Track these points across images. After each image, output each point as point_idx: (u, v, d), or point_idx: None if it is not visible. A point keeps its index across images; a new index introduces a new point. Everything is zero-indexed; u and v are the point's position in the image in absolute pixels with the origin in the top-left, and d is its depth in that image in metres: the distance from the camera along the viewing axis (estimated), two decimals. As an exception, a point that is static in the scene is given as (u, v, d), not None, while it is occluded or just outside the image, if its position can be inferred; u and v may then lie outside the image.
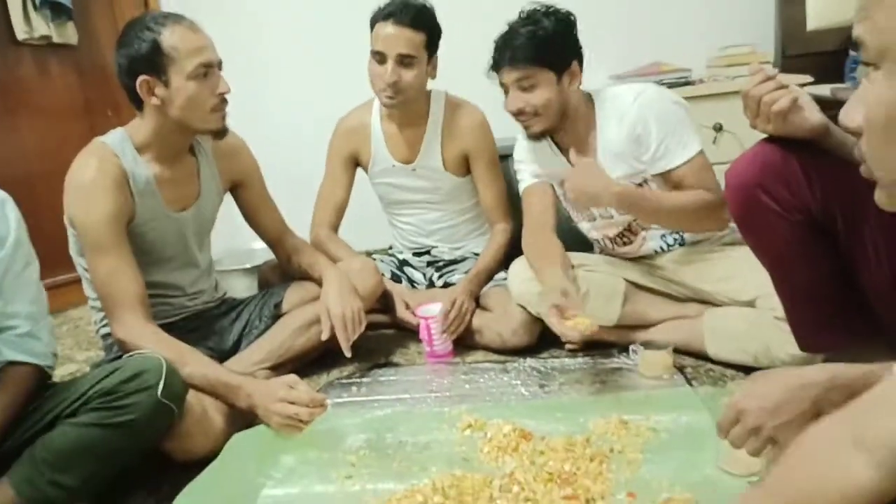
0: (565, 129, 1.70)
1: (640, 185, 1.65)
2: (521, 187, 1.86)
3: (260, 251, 2.39)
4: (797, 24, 2.49)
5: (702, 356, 1.65)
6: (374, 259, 2.17)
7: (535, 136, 1.68)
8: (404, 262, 2.21)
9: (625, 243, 1.78)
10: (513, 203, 2.15)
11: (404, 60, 1.84)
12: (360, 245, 2.26)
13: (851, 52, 2.34)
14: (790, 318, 1.31)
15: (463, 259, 2.15)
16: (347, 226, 2.17)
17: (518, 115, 1.65)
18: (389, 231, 2.29)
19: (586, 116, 1.70)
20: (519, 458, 1.29)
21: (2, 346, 1.21)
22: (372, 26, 1.88)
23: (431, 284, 2.15)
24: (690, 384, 1.55)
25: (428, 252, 2.19)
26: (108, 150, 1.50)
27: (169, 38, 1.43)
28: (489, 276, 1.98)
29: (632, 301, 1.73)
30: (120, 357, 1.50)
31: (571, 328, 1.46)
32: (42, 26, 2.49)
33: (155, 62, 1.44)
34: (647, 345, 1.63)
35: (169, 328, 1.49)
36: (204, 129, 1.53)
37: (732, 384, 1.54)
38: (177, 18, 1.47)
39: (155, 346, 1.37)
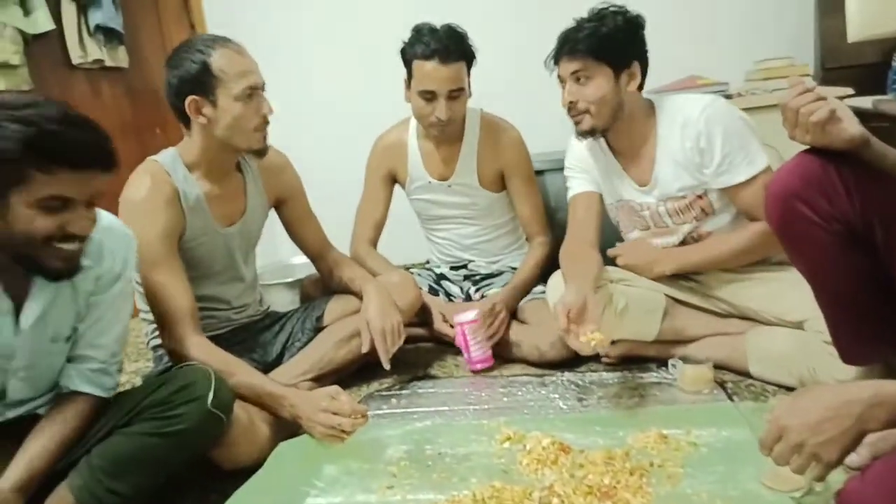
0: (620, 131, 1.67)
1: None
2: (570, 195, 1.85)
3: (301, 265, 2.45)
4: (837, 35, 2.46)
5: (743, 373, 1.64)
6: (412, 273, 2.20)
7: (584, 134, 1.65)
8: (442, 276, 2.24)
9: None
10: (550, 217, 2.17)
11: (454, 94, 1.87)
12: (399, 259, 2.29)
13: (894, 64, 2.31)
14: (831, 329, 1.30)
15: (500, 273, 2.17)
16: (386, 241, 2.21)
17: (570, 109, 1.63)
18: (427, 246, 2.32)
19: (644, 123, 1.67)
20: (558, 471, 1.29)
21: (74, 375, 1.26)
22: (408, 60, 1.91)
23: (468, 298, 2.17)
24: (731, 399, 1.54)
25: (465, 266, 2.21)
26: (161, 168, 1.56)
27: (218, 60, 1.50)
28: (526, 289, 1.99)
29: (672, 316, 1.72)
30: (169, 368, 1.56)
31: (584, 344, 1.41)
32: (95, 51, 2.61)
33: (204, 83, 1.50)
34: (687, 360, 1.63)
35: (216, 340, 1.54)
36: (246, 147, 1.58)
37: (774, 399, 1.53)
38: (225, 42, 1.53)
39: (204, 357, 1.43)
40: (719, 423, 1.42)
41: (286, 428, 1.47)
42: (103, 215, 1.24)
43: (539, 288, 2.00)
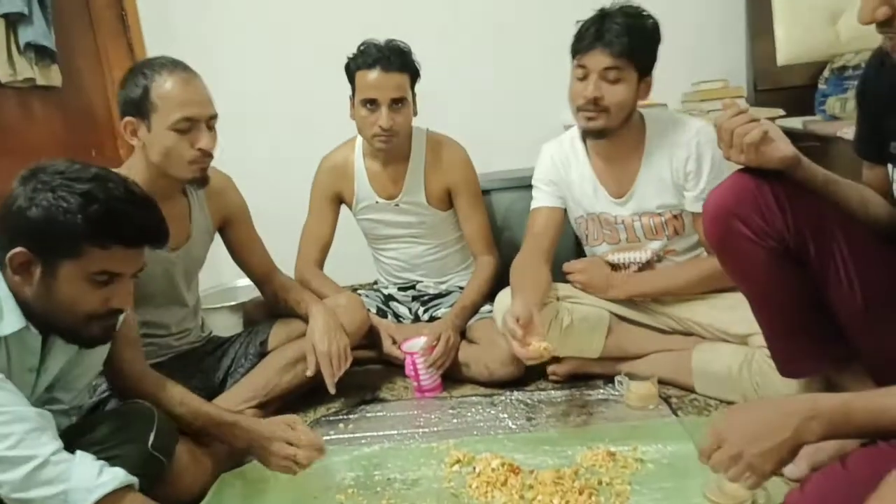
0: (614, 137, 1.62)
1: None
2: (532, 205, 1.82)
3: (244, 288, 2.39)
4: (768, 59, 2.58)
5: (687, 388, 1.67)
6: (360, 294, 2.17)
7: (594, 133, 1.60)
8: (390, 297, 2.22)
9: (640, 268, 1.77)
10: (496, 236, 2.18)
11: (395, 104, 1.87)
12: (346, 280, 2.27)
13: (820, 86, 2.42)
14: (769, 343, 1.34)
15: (448, 293, 2.16)
16: (332, 262, 2.17)
17: (588, 104, 1.55)
18: (374, 266, 2.30)
19: (636, 134, 1.65)
20: (508, 493, 1.29)
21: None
22: (351, 74, 1.92)
23: (417, 319, 2.15)
24: (676, 414, 1.56)
25: (413, 287, 2.20)
26: None
27: (160, 87, 1.46)
28: (474, 310, 1.99)
29: (616, 333, 1.74)
30: (103, 402, 1.50)
31: (533, 351, 1.42)
32: (26, 69, 2.50)
33: (141, 107, 1.46)
34: (633, 376, 1.65)
35: (156, 367, 1.47)
36: (180, 177, 1.53)
37: (717, 413, 1.56)
38: (175, 68, 1.48)
39: (145, 381, 1.37)
40: (664, 439, 1.44)
41: (229, 459, 1.42)
42: None
43: (487, 307, 2.00)
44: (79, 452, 1.05)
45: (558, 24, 1.75)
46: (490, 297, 1.94)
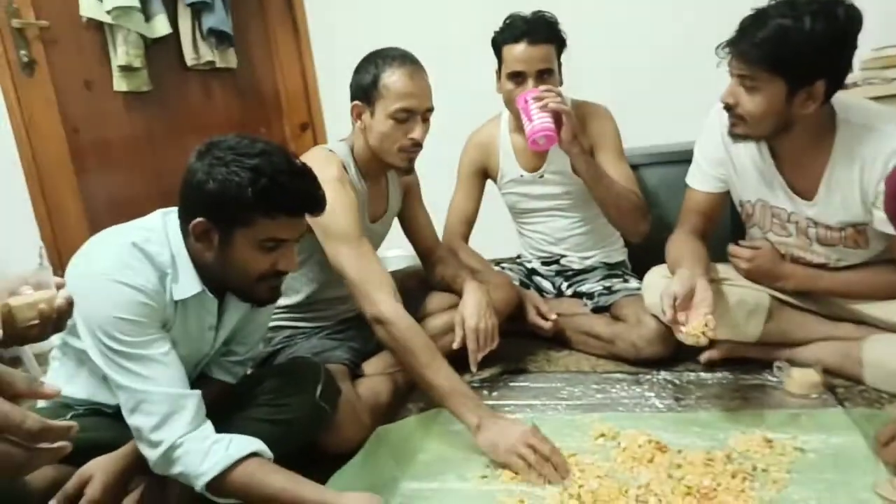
0: (783, 142, 1.49)
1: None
2: (689, 182, 1.73)
3: (394, 258, 2.51)
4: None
5: (854, 380, 1.55)
6: (503, 268, 2.21)
7: (735, 137, 1.49)
8: (533, 272, 2.24)
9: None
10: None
11: (542, 76, 1.87)
12: (489, 254, 2.30)
13: None
14: None
15: (592, 269, 2.14)
16: (477, 235, 2.23)
17: (726, 108, 1.46)
18: (518, 240, 2.32)
19: (819, 138, 1.45)
20: (654, 470, 1.27)
21: (215, 367, 1.39)
22: (498, 47, 1.94)
23: (560, 294, 2.16)
24: (842, 405, 1.47)
25: (557, 261, 2.20)
26: (339, 160, 1.65)
27: (388, 77, 1.58)
28: (603, 176, 1.91)
29: (777, 318, 1.64)
30: (277, 350, 1.65)
31: (693, 330, 1.36)
32: (207, 53, 2.77)
33: (369, 93, 1.60)
34: (793, 363, 1.56)
35: (321, 331, 1.60)
36: (389, 163, 1.66)
37: (891, 407, 1.44)
38: (404, 62, 1.60)
39: (406, 324, 1.47)
40: (828, 429, 1.35)
41: (388, 418, 1.51)
42: None
43: (634, 284, 1.97)
44: (194, 435, 1.12)
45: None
46: (638, 273, 1.90)
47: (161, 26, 2.59)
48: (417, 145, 1.63)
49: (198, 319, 1.26)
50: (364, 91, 1.61)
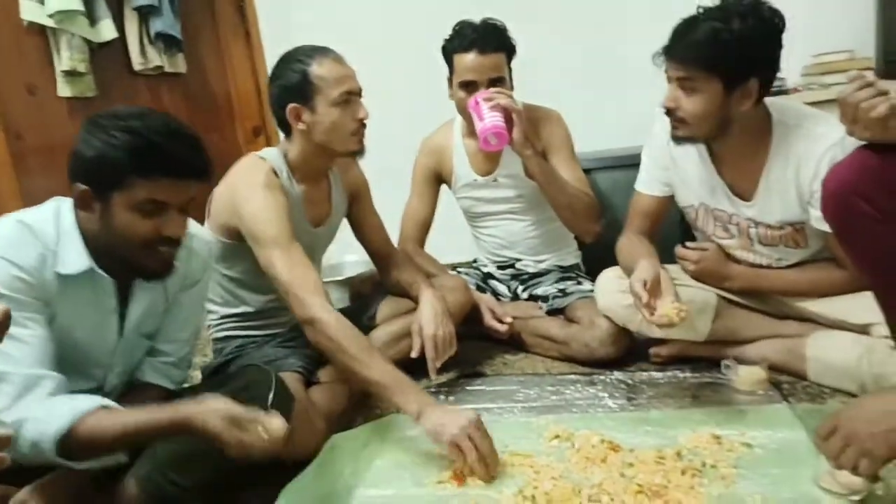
0: (723, 142, 1.53)
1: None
2: (637, 187, 1.77)
3: (350, 264, 2.50)
4: (901, 27, 2.39)
5: (799, 376, 1.60)
6: (459, 272, 2.22)
7: (678, 140, 1.53)
8: (489, 276, 2.25)
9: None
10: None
11: (493, 84, 1.88)
12: (445, 259, 2.31)
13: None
14: (891, 328, 1.26)
15: (547, 272, 2.16)
16: (433, 240, 2.23)
17: (667, 112, 1.49)
18: (473, 244, 2.34)
19: (756, 137, 1.50)
20: (607, 470, 1.29)
21: (148, 368, 1.35)
22: (448, 56, 1.94)
23: (516, 297, 2.17)
24: (787, 400, 1.51)
25: (512, 265, 2.21)
26: (270, 166, 1.62)
27: (317, 69, 1.57)
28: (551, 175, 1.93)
29: (724, 316, 1.69)
30: (228, 362, 1.62)
31: (668, 312, 1.41)
32: (156, 57, 2.72)
33: (303, 91, 1.58)
34: (741, 360, 1.60)
35: (273, 339, 1.58)
36: (344, 150, 1.65)
37: (833, 402, 1.49)
38: (325, 52, 1.60)
39: (336, 328, 1.44)
40: (774, 425, 1.39)
41: (339, 423, 1.50)
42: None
43: (587, 286, 2.00)
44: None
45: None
46: (591, 274, 1.93)
47: (107, 31, 2.53)
48: (364, 124, 1.64)
49: (93, 301, 1.22)
50: (295, 91, 1.59)
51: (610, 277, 1.79)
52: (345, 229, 1.93)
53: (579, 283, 2.08)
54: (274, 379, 1.33)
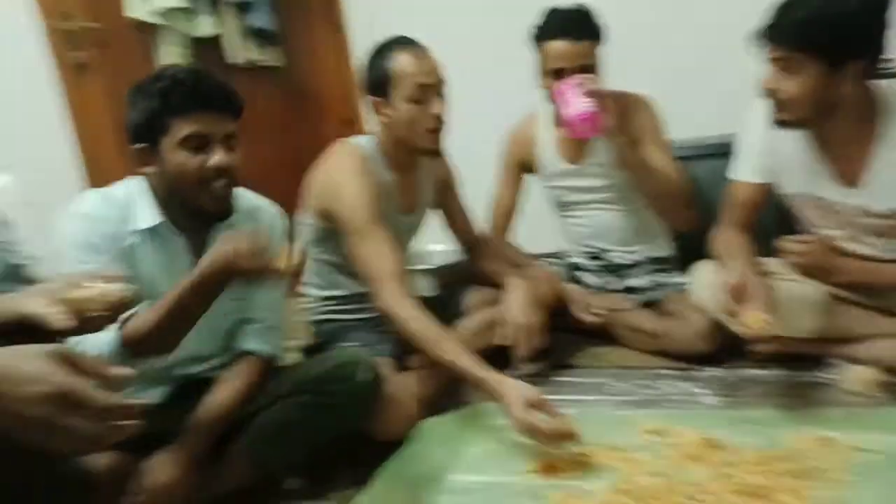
0: (828, 125, 1.45)
1: None
2: (735, 175, 1.69)
3: (437, 253, 2.51)
4: None
5: (915, 377, 1.50)
6: (546, 263, 2.20)
7: (779, 125, 1.46)
8: (577, 266, 2.22)
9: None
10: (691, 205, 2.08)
11: (585, 71, 1.84)
12: (532, 249, 2.29)
13: None
14: None
15: (638, 264, 2.11)
16: (519, 230, 2.22)
17: (768, 95, 1.43)
18: (559, 235, 2.30)
19: (864, 121, 1.42)
20: (706, 468, 1.25)
21: (247, 334, 1.43)
22: (537, 44, 1.91)
23: (605, 289, 2.13)
24: (902, 404, 1.42)
25: (601, 256, 2.17)
26: (362, 152, 1.68)
27: (395, 64, 1.60)
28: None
29: (833, 313, 1.58)
30: (325, 342, 1.68)
31: (751, 322, 1.35)
32: (251, 51, 2.81)
33: (382, 85, 1.62)
34: (850, 360, 1.51)
35: (367, 324, 1.62)
36: (419, 147, 1.67)
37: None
38: (405, 45, 1.63)
39: (414, 318, 1.48)
40: (888, 428, 1.31)
41: (434, 406, 1.53)
42: (251, 196, 1.46)
43: (681, 279, 1.93)
44: None
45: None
46: (684, 266, 1.87)
47: (206, 26, 2.64)
48: (440, 121, 1.64)
49: (169, 258, 1.32)
50: (377, 85, 1.63)
51: (706, 269, 1.72)
52: (433, 218, 1.96)
53: (673, 275, 2.02)
54: (365, 359, 1.38)
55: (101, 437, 0.70)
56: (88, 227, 1.25)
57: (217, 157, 1.26)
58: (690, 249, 1.96)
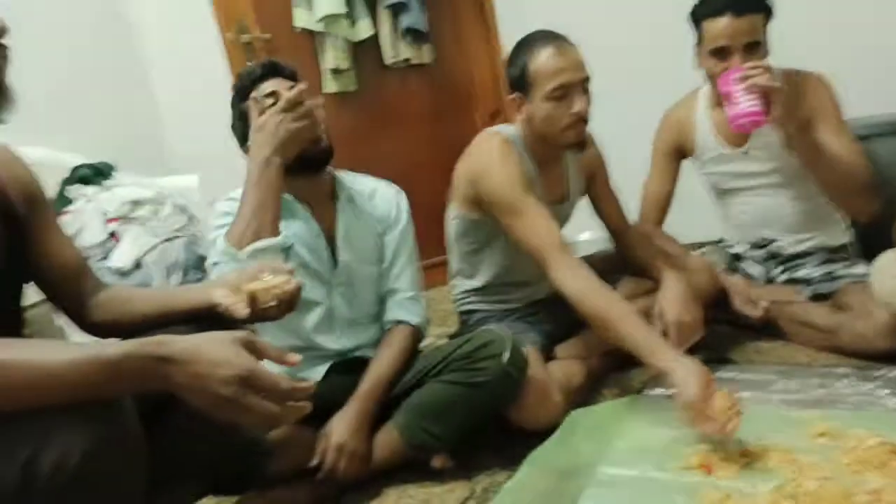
0: None
1: None
2: None
3: (584, 243, 2.48)
4: None
5: None
6: (705, 253, 2.09)
7: None
8: (738, 256, 2.08)
9: None
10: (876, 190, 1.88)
11: (749, 49, 1.72)
12: (688, 238, 2.19)
13: None
14: None
15: (809, 253, 1.94)
16: (674, 218, 2.12)
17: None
18: (719, 222, 2.17)
19: None
20: (886, 476, 1.14)
21: (392, 306, 1.56)
22: (697, 22, 1.81)
23: (771, 280, 1.98)
24: None
25: (766, 245, 2.02)
26: (510, 141, 1.69)
27: (535, 61, 1.60)
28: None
29: None
30: (471, 330, 1.73)
31: None
32: (405, 51, 2.94)
33: (522, 83, 1.63)
34: None
35: (512, 314, 1.64)
36: (560, 143, 1.65)
37: None
38: (547, 41, 1.61)
39: (585, 285, 1.49)
40: None
41: (577, 398, 1.54)
42: (369, 179, 1.61)
43: (861, 269, 1.76)
44: None
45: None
46: (867, 256, 1.70)
47: (364, 29, 2.79)
48: (582, 119, 1.60)
49: (305, 223, 1.48)
50: (518, 82, 1.63)
51: (891, 260, 1.55)
52: (581, 207, 1.93)
53: (851, 265, 1.84)
54: (510, 339, 1.41)
55: (281, 416, 0.79)
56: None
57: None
58: (872, 237, 1.78)
